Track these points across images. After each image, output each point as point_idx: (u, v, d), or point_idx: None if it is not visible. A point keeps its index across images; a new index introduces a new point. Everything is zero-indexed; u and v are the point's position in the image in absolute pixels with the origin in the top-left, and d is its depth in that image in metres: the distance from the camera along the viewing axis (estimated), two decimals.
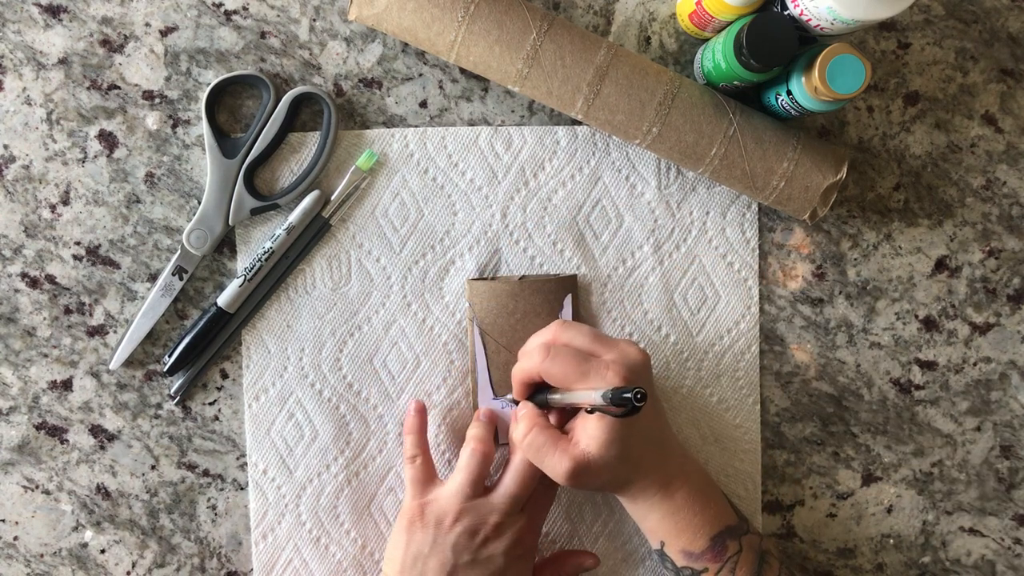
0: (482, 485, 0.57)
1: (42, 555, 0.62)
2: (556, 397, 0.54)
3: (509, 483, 0.57)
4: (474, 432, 0.59)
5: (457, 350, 0.63)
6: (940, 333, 0.65)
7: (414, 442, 0.60)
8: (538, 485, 0.58)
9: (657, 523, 0.56)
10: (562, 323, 0.56)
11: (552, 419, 0.56)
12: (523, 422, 0.55)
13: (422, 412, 0.61)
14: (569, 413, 0.56)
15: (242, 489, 0.63)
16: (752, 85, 0.59)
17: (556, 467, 0.53)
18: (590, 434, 0.53)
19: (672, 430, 0.58)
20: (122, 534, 0.62)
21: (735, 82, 0.58)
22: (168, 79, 0.61)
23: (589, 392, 0.51)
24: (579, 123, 0.63)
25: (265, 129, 0.60)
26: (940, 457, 0.66)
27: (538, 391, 0.57)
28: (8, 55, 0.61)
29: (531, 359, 0.55)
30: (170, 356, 0.61)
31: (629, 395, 0.47)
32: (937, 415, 0.65)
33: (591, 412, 0.51)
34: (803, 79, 0.55)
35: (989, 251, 0.65)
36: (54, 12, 0.61)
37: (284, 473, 0.62)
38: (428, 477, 0.59)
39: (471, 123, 0.63)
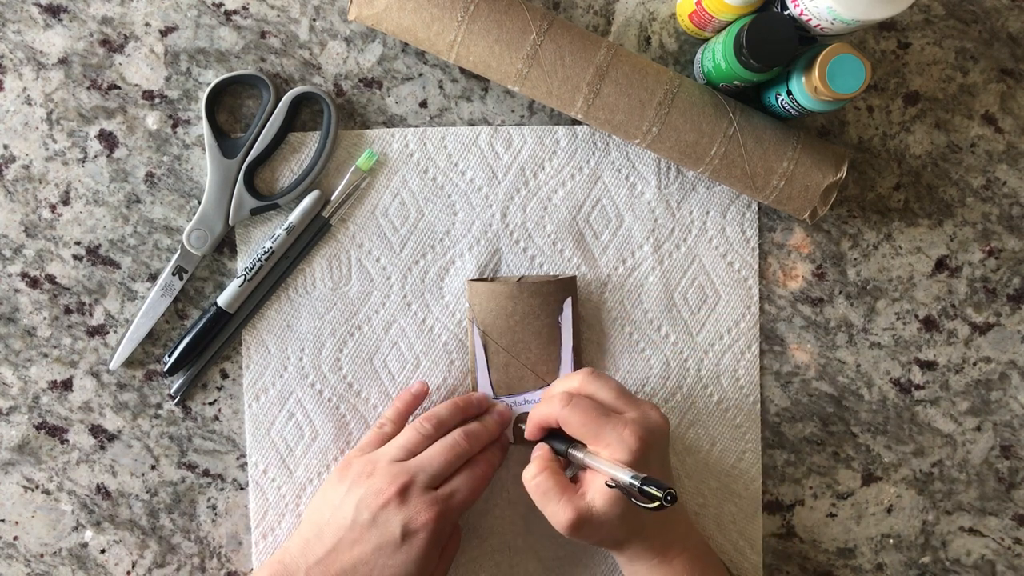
0: (411, 456, 0.57)
1: (42, 555, 0.62)
2: (579, 455, 0.55)
3: (432, 452, 0.56)
4: (435, 409, 0.59)
5: (457, 350, 0.63)
6: (940, 333, 0.65)
7: (393, 415, 0.60)
8: (465, 475, 0.57)
9: None
10: (590, 372, 0.56)
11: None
12: (535, 463, 0.55)
13: (419, 397, 0.61)
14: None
15: (242, 489, 0.63)
16: (752, 85, 0.59)
17: (558, 514, 0.53)
18: (597, 488, 0.53)
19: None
20: (122, 534, 0.62)
21: (735, 82, 0.58)
22: (168, 79, 0.61)
23: (618, 468, 0.51)
24: (579, 123, 0.63)
25: (265, 129, 0.60)
26: (940, 457, 0.66)
27: (559, 438, 0.57)
28: (8, 55, 0.61)
29: (551, 405, 0.55)
30: (170, 356, 0.61)
31: (660, 493, 0.47)
32: (937, 415, 0.65)
33: (611, 487, 0.51)
34: (803, 79, 0.55)
35: (989, 251, 0.65)
36: (54, 12, 0.61)
37: (284, 473, 0.62)
38: (380, 445, 0.58)
39: (471, 123, 0.63)
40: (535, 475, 0.54)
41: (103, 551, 0.62)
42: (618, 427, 0.53)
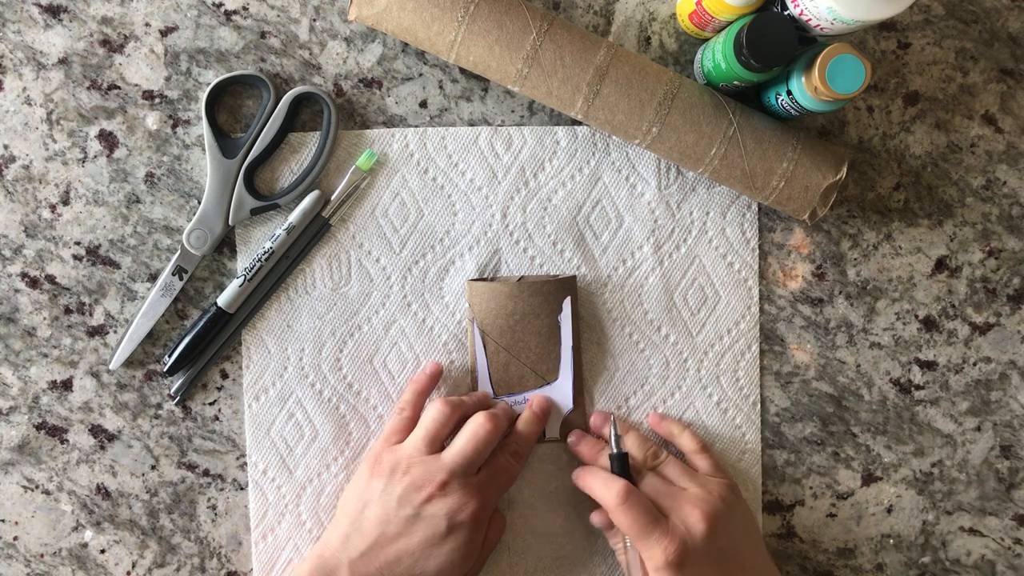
0: (439, 444, 0.57)
1: (42, 555, 0.62)
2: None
3: (463, 443, 0.57)
4: (449, 398, 0.59)
5: (457, 350, 0.63)
6: (940, 333, 0.65)
7: (411, 399, 0.60)
8: (496, 459, 0.58)
9: None
10: (625, 497, 0.56)
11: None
12: (619, 484, 0.56)
13: (434, 378, 0.61)
14: None
15: (242, 489, 0.63)
16: (752, 85, 0.59)
17: (659, 546, 0.54)
18: (687, 514, 0.55)
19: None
20: (122, 534, 0.62)
21: (735, 82, 0.58)
22: (168, 79, 0.61)
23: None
24: (579, 123, 0.63)
25: (265, 129, 0.60)
26: (940, 457, 0.66)
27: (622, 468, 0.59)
28: (8, 55, 0.61)
29: (609, 494, 0.56)
30: (170, 356, 0.61)
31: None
32: (937, 415, 0.65)
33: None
34: (803, 79, 0.55)
35: (989, 251, 0.65)
36: (54, 12, 0.61)
37: (284, 473, 0.62)
38: (405, 432, 0.59)
39: (471, 123, 0.63)
40: (625, 497, 0.56)
41: (103, 551, 0.62)
42: (662, 539, 0.54)
